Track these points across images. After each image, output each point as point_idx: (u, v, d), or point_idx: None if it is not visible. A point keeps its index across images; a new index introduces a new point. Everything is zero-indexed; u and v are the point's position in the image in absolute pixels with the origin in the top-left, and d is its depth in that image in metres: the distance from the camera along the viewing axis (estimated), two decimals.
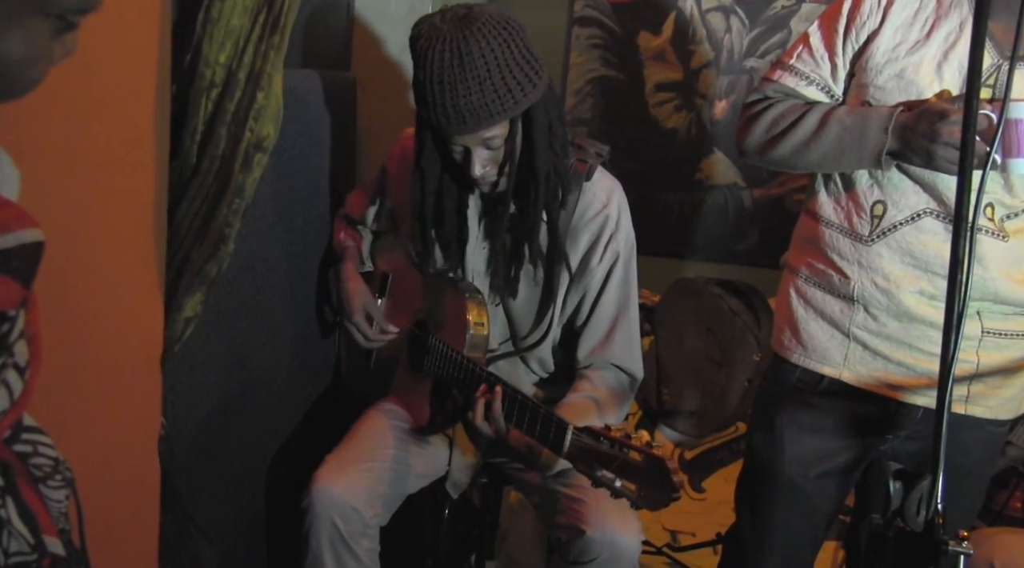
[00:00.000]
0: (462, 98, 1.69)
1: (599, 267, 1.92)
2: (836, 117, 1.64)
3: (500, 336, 2.02)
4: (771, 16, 3.26)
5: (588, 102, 3.45)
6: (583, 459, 1.53)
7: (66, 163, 1.12)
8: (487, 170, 1.80)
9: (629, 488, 1.44)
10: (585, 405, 1.86)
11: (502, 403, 1.73)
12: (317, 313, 2.33)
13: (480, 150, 1.78)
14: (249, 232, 1.86)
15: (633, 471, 1.44)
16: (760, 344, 2.95)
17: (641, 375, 1.99)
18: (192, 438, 1.78)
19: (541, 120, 1.78)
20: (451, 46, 1.67)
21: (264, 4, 1.47)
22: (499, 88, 1.69)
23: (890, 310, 1.67)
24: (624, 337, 1.96)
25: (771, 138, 1.71)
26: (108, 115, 1.20)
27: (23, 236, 1.00)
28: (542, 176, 1.81)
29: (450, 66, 1.67)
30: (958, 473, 1.70)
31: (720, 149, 3.37)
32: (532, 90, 1.74)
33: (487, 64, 1.67)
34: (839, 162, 1.65)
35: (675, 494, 1.40)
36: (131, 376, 1.36)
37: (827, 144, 1.63)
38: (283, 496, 2.09)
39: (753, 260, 3.37)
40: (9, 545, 1.02)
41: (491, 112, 1.70)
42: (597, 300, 1.95)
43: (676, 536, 2.95)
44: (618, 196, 1.94)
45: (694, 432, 3.13)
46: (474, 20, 1.69)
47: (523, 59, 1.72)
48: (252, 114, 1.47)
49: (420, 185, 1.90)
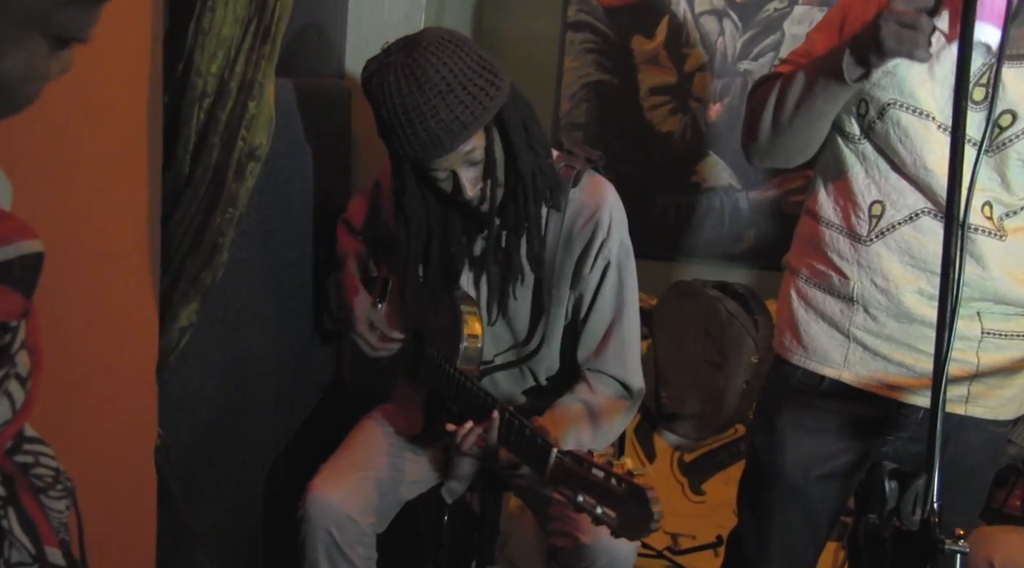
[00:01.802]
0: (431, 119, 1.67)
1: (591, 275, 1.91)
2: (811, 62, 1.64)
3: (500, 346, 2.02)
4: (764, 19, 3.27)
5: (583, 107, 3.45)
6: (565, 483, 1.50)
7: (59, 174, 1.12)
8: (478, 188, 1.79)
9: (610, 515, 1.41)
10: (575, 408, 1.86)
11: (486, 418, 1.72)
12: (313, 321, 2.33)
13: (465, 169, 1.77)
14: (243, 241, 1.86)
15: (614, 499, 1.41)
16: (758, 346, 2.95)
17: (638, 385, 1.96)
18: (189, 447, 1.78)
19: (514, 121, 1.77)
20: (404, 73, 1.67)
21: (255, 14, 1.47)
22: (463, 98, 1.68)
23: (889, 310, 1.67)
24: (617, 347, 1.94)
25: (777, 108, 1.67)
26: (100, 126, 1.21)
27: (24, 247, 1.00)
28: (528, 177, 1.80)
29: (409, 92, 1.66)
30: (960, 474, 1.70)
31: (715, 152, 3.37)
32: (496, 93, 1.72)
33: (444, 79, 1.66)
34: (813, 94, 1.60)
35: (654, 524, 1.36)
36: (127, 385, 1.36)
37: (805, 82, 1.61)
38: (280, 504, 2.09)
39: (749, 262, 3.37)
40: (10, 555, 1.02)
41: (463, 124, 1.69)
42: (591, 307, 1.94)
43: (676, 539, 2.95)
44: (610, 200, 1.91)
45: (693, 435, 3.13)
46: (418, 43, 1.69)
47: (478, 66, 1.71)
48: (244, 123, 1.47)
49: (405, 227, 1.88)
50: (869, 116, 1.65)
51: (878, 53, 1.45)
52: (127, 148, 1.29)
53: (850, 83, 1.53)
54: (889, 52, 1.44)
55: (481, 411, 1.76)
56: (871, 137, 1.66)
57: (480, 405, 1.78)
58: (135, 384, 1.40)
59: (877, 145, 1.65)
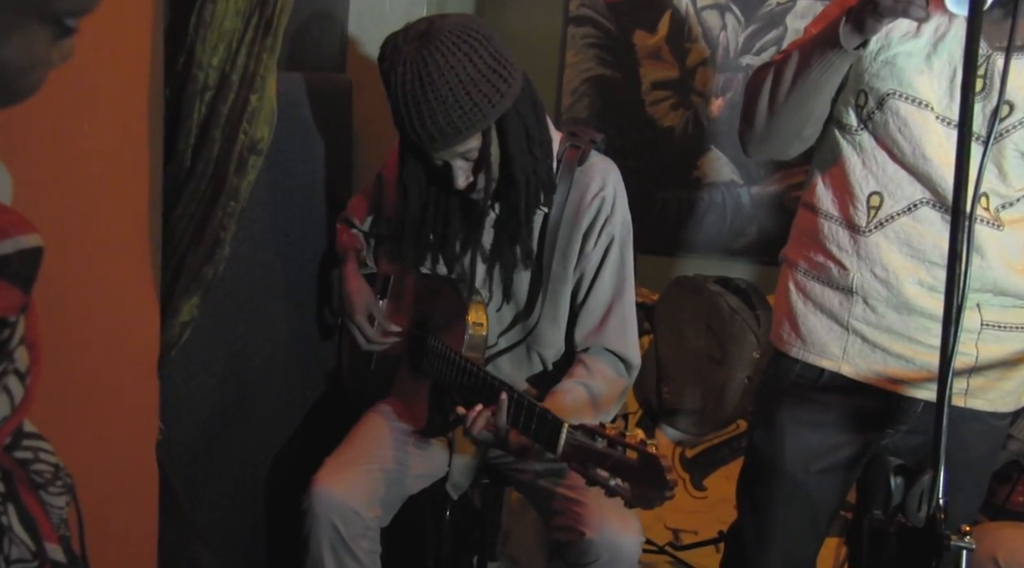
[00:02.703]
0: (428, 118, 1.70)
1: (595, 251, 1.93)
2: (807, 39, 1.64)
3: (503, 324, 2.02)
4: (766, 13, 3.25)
5: (584, 101, 3.44)
6: (578, 457, 1.52)
7: (59, 167, 1.12)
8: (471, 180, 1.83)
9: (623, 486, 1.44)
10: (575, 392, 1.87)
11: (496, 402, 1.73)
12: (316, 316, 2.33)
13: (459, 162, 1.80)
14: (245, 235, 1.86)
15: (627, 469, 1.44)
16: (760, 341, 2.94)
17: (637, 361, 1.99)
18: (190, 442, 1.78)
19: (515, 126, 1.79)
20: (412, 68, 1.69)
21: (257, 6, 1.47)
22: (464, 104, 1.70)
23: (889, 301, 1.67)
24: (618, 322, 1.96)
25: (774, 88, 1.66)
26: (101, 119, 1.20)
27: (22, 241, 1.00)
28: (521, 182, 1.83)
29: (412, 88, 1.69)
30: (959, 467, 1.68)
31: (717, 147, 3.36)
32: (500, 100, 1.74)
33: (448, 83, 1.68)
34: (809, 67, 1.59)
35: (669, 492, 1.39)
36: (128, 381, 1.36)
37: (800, 57, 1.61)
38: (283, 499, 2.09)
39: (751, 257, 3.36)
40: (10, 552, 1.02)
41: (458, 129, 1.72)
42: (593, 283, 1.95)
43: (678, 535, 2.95)
44: (613, 178, 1.94)
45: (695, 430, 3.13)
46: (433, 37, 1.69)
47: (488, 69, 1.71)
48: (246, 117, 1.47)
49: (404, 199, 1.92)
50: (868, 106, 1.65)
51: (875, 14, 1.46)
52: (128, 141, 1.29)
53: (848, 51, 1.53)
54: (885, 11, 1.44)
55: (489, 396, 1.76)
56: (869, 128, 1.66)
57: (488, 391, 1.78)
58: (136, 379, 1.39)
59: (875, 136, 1.66)
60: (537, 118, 1.85)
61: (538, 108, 1.87)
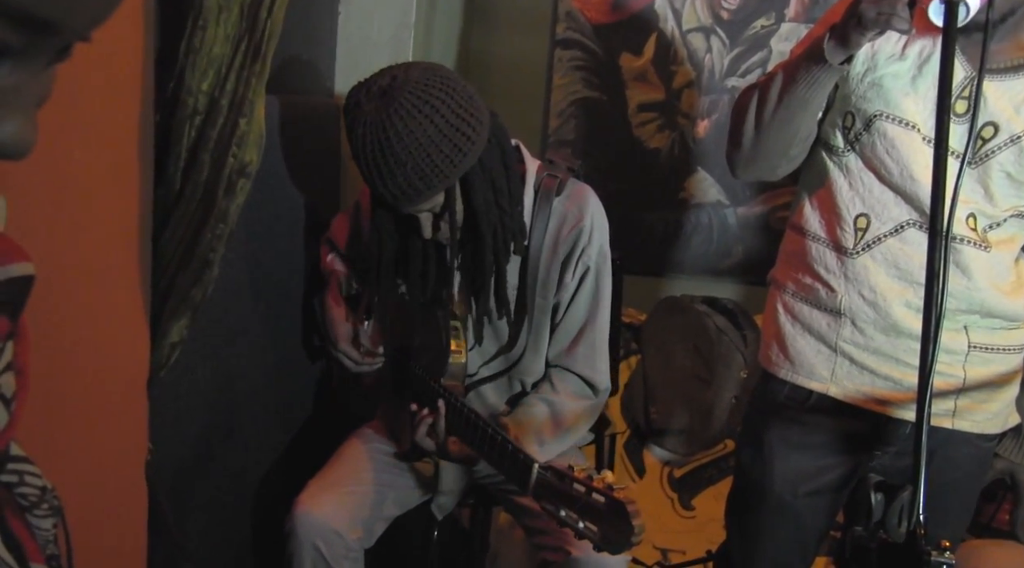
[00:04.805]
0: (388, 180, 1.69)
1: (572, 281, 1.94)
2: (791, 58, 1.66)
3: (485, 356, 2.03)
4: (751, 36, 3.29)
5: (571, 123, 3.46)
6: (548, 498, 1.52)
7: (50, 191, 1.13)
8: (439, 229, 1.83)
9: (592, 529, 1.42)
10: (537, 408, 1.91)
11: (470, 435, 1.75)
12: (303, 338, 2.33)
13: (425, 214, 1.80)
14: (234, 257, 1.87)
15: (595, 513, 1.42)
16: (747, 361, 2.96)
17: (605, 386, 2.00)
18: (179, 463, 1.78)
19: (479, 182, 1.77)
20: (372, 130, 1.67)
21: (245, 32, 1.48)
22: (424, 167, 1.68)
23: (877, 323, 1.67)
24: (587, 348, 1.97)
25: (759, 106, 1.67)
26: (92, 143, 1.21)
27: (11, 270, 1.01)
28: (487, 234, 1.82)
29: (372, 151, 1.68)
30: (947, 489, 1.70)
31: (703, 168, 3.39)
32: (463, 159, 1.72)
33: (407, 148, 1.66)
34: (795, 82, 1.61)
35: (635, 538, 1.37)
36: (117, 402, 1.37)
37: (785, 75, 1.63)
38: (269, 520, 2.09)
39: (738, 277, 3.38)
40: None
41: (419, 190, 1.71)
42: (568, 308, 1.97)
43: (666, 554, 2.95)
44: (591, 207, 1.94)
45: (683, 450, 3.14)
46: (395, 97, 1.66)
47: (450, 128, 1.68)
48: (235, 140, 1.48)
49: (377, 245, 1.91)
50: (855, 128, 1.66)
51: (859, 28, 1.47)
52: (118, 165, 1.30)
53: (833, 66, 1.54)
54: (869, 24, 1.45)
55: (468, 428, 1.77)
56: (856, 149, 1.66)
57: (465, 421, 1.78)
58: (126, 400, 1.40)
59: (862, 157, 1.66)
60: (506, 167, 1.83)
61: (507, 156, 1.84)
